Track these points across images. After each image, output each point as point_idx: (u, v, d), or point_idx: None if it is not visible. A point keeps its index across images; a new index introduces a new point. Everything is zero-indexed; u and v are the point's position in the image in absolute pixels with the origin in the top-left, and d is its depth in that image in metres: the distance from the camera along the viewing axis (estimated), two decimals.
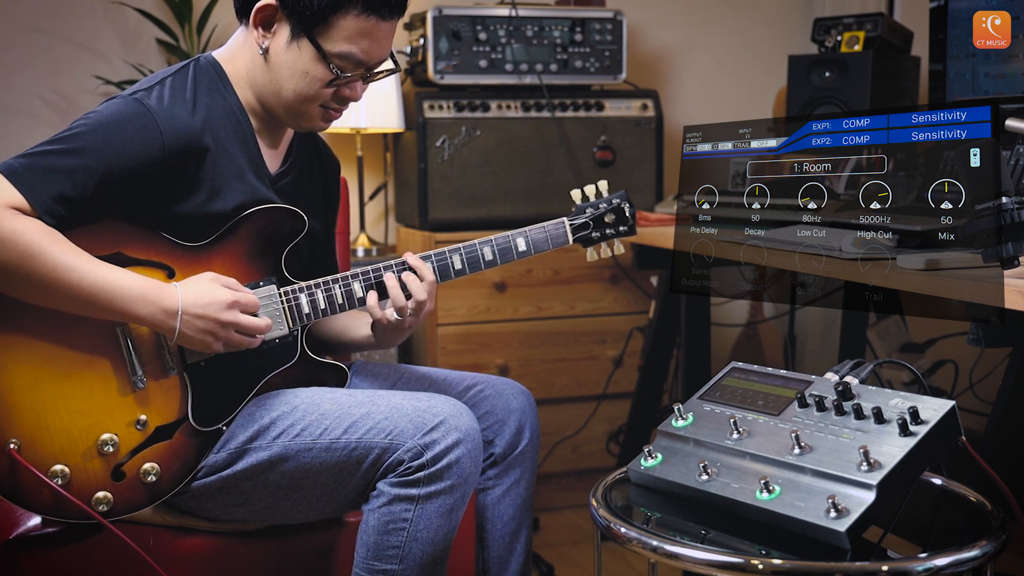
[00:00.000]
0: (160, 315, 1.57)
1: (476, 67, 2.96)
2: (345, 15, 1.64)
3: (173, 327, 1.58)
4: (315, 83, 1.67)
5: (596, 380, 3.09)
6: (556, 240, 1.89)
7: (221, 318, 1.60)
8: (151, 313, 1.57)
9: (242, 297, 1.62)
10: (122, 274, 1.56)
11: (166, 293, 1.58)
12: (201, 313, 1.58)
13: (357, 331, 1.92)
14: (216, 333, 1.60)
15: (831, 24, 2.82)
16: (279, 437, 1.65)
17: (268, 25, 1.67)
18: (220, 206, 1.66)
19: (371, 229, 3.30)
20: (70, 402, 1.59)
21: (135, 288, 1.56)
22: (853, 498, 1.27)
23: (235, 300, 1.61)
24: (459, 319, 2.95)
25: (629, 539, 1.34)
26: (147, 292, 1.57)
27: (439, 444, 1.61)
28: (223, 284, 1.62)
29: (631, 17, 3.27)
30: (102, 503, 1.60)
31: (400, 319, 1.76)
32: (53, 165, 1.53)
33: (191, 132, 1.63)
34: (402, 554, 1.62)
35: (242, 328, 1.62)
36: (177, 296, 1.58)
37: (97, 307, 1.55)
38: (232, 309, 1.61)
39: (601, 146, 3.07)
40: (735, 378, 1.57)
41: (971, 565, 1.25)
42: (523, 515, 1.90)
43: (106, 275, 1.54)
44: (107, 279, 1.54)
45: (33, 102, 3.03)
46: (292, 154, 1.82)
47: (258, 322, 1.64)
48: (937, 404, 1.36)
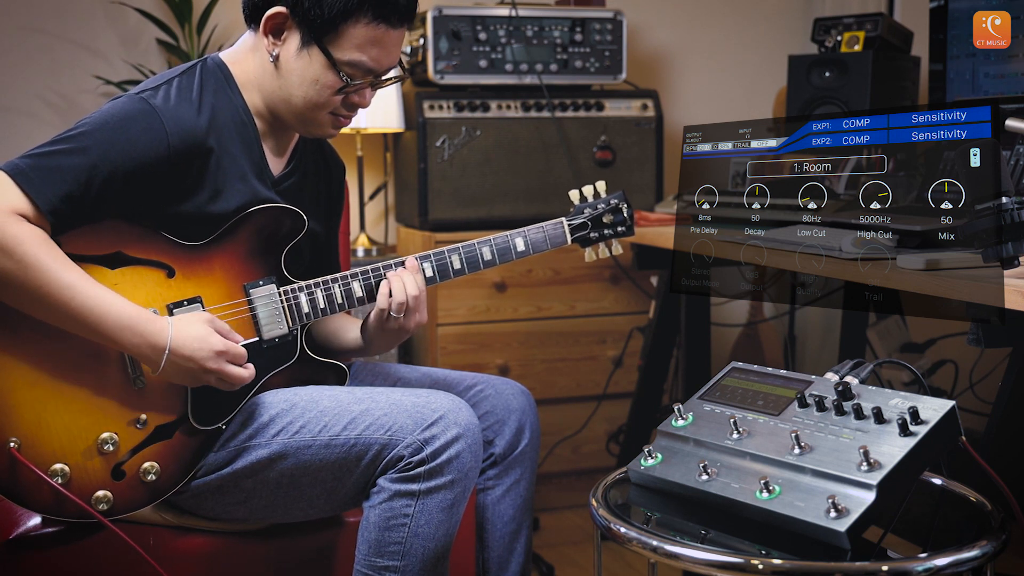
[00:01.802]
0: (146, 349, 1.56)
1: (476, 67, 2.96)
2: (356, 23, 1.64)
3: (157, 363, 1.56)
4: (325, 91, 1.68)
5: (596, 380, 3.09)
6: (555, 240, 1.89)
7: (207, 365, 1.58)
8: (136, 345, 1.55)
9: (232, 348, 1.60)
10: (115, 299, 1.54)
11: (156, 328, 1.56)
12: (189, 355, 1.56)
13: (346, 334, 1.91)
14: (198, 377, 1.59)
15: (831, 24, 2.82)
16: (278, 435, 1.65)
17: (278, 33, 1.67)
18: (221, 207, 1.66)
19: (371, 229, 3.31)
20: (70, 401, 1.59)
21: (124, 317, 1.54)
22: (853, 498, 1.27)
23: (224, 350, 1.59)
24: (459, 319, 2.95)
25: (629, 539, 1.34)
26: (136, 323, 1.55)
27: (439, 439, 1.61)
28: (217, 329, 1.60)
29: (631, 17, 3.27)
30: (102, 502, 1.60)
31: (385, 319, 1.75)
32: (59, 165, 1.53)
33: (196, 132, 1.63)
34: (404, 550, 1.62)
35: (225, 378, 1.61)
36: (167, 334, 1.56)
37: (84, 328, 1.54)
38: (219, 358, 1.59)
39: (601, 146, 3.07)
40: (735, 378, 1.57)
41: (971, 565, 1.25)
42: (523, 515, 1.90)
43: (99, 298, 1.53)
44: (98, 302, 1.53)
45: (33, 102, 3.03)
46: (296, 156, 1.82)
47: (243, 373, 1.62)
48: (937, 404, 1.36)
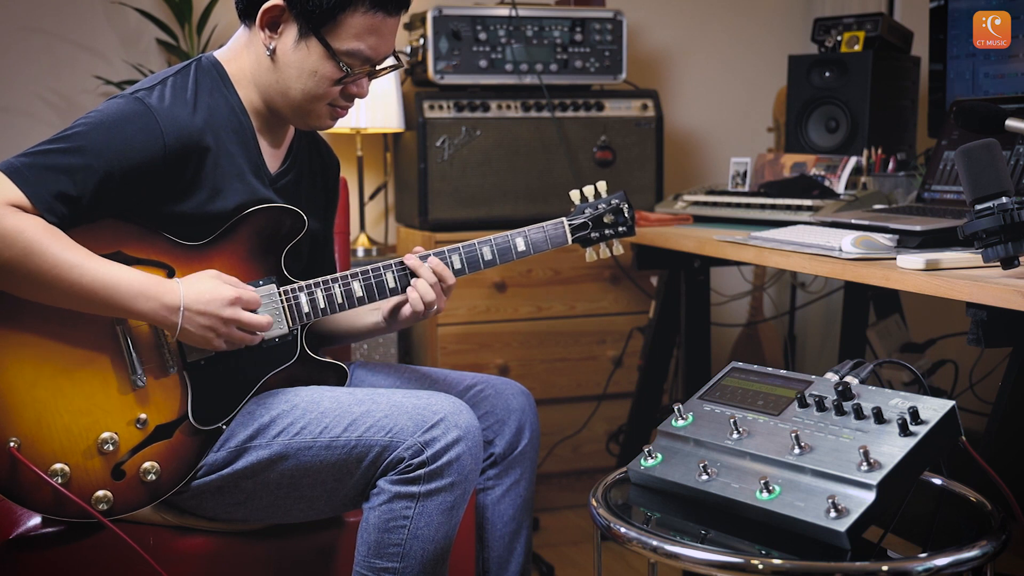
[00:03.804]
0: (162, 311, 1.57)
1: (476, 67, 2.96)
2: (353, 13, 1.64)
3: (175, 323, 1.58)
4: (324, 82, 1.68)
5: (596, 380, 3.09)
6: (555, 240, 1.89)
7: (223, 314, 1.60)
8: (153, 309, 1.57)
9: (244, 293, 1.63)
10: (123, 270, 1.56)
11: (167, 288, 1.58)
12: (203, 309, 1.59)
13: (362, 319, 1.94)
14: (218, 330, 1.60)
15: (831, 24, 2.82)
16: (279, 436, 1.65)
17: (275, 26, 1.67)
18: (220, 206, 1.66)
19: (371, 229, 3.30)
20: (70, 401, 1.59)
21: (136, 284, 1.56)
22: (853, 498, 1.28)
23: (237, 296, 1.61)
24: (459, 319, 2.95)
25: (629, 539, 1.34)
26: (148, 288, 1.57)
27: (439, 441, 1.61)
28: (225, 281, 1.63)
29: (631, 17, 3.27)
30: (102, 502, 1.60)
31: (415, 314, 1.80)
32: (55, 164, 1.53)
33: (192, 132, 1.63)
34: (403, 552, 1.62)
35: (244, 325, 1.62)
36: (179, 292, 1.58)
37: (98, 304, 1.55)
38: (234, 306, 1.61)
39: (601, 146, 3.07)
40: (735, 378, 1.57)
41: (971, 565, 1.25)
42: (523, 515, 1.90)
43: (107, 271, 1.54)
44: (108, 275, 1.54)
45: (33, 102, 3.03)
46: (292, 153, 1.82)
47: (260, 319, 1.64)
48: (937, 404, 1.36)
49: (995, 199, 1.51)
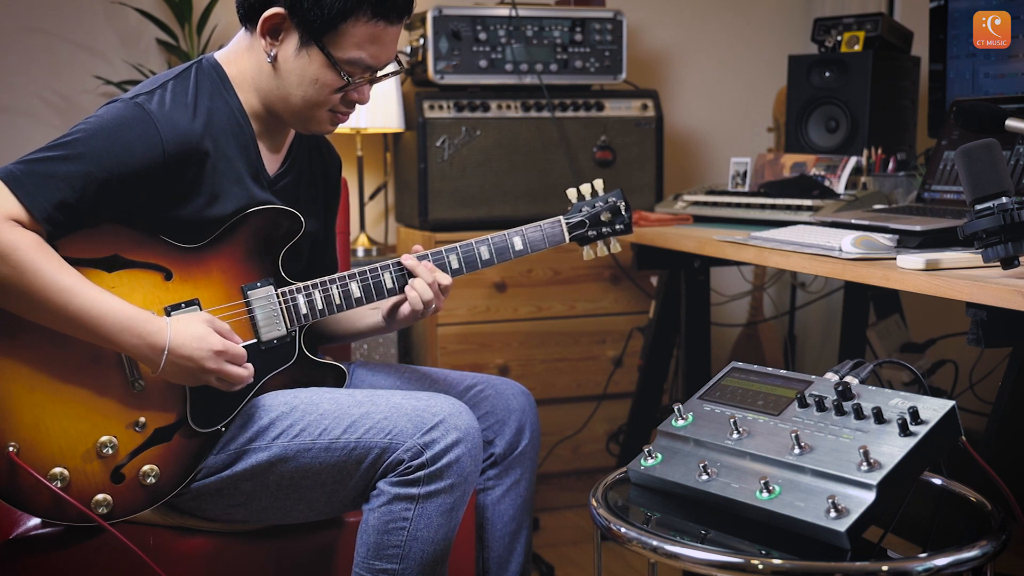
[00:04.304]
0: (145, 349, 1.56)
1: (476, 67, 2.96)
2: (355, 22, 1.64)
3: (157, 363, 1.57)
4: (324, 89, 1.68)
5: (596, 380, 3.09)
6: (552, 239, 1.89)
7: (206, 365, 1.58)
8: (135, 346, 1.55)
9: (231, 348, 1.60)
10: (112, 301, 1.54)
11: (155, 328, 1.56)
12: (187, 355, 1.57)
13: (362, 320, 1.93)
14: (197, 376, 1.60)
15: (831, 24, 2.82)
16: (278, 438, 1.65)
17: (276, 33, 1.67)
18: (219, 211, 1.66)
19: (371, 229, 3.30)
20: (69, 405, 1.58)
21: (123, 318, 1.54)
22: (853, 498, 1.27)
23: (223, 350, 1.59)
24: (459, 319, 2.95)
25: (629, 539, 1.34)
26: (136, 324, 1.55)
27: (439, 443, 1.61)
28: (216, 329, 1.60)
29: (631, 17, 3.27)
30: (102, 505, 1.60)
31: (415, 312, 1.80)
32: (53, 171, 1.53)
33: (191, 137, 1.63)
34: (402, 553, 1.62)
35: (224, 377, 1.61)
36: (166, 334, 1.56)
37: (83, 331, 1.54)
38: (218, 358, 1.59)
39: (601, 146, 3.07)
40: (735, 378, 1.57)
41: (971, 565, 1.25)
42: (523, 515, 1.90)
43: (96, 300, 1.53)
44: (96, 305, 1.53)
45: (33, 102, 3.03)
46: (292, 155, 1.82)
47: (242, 373, 1.62)
48: (937, 404, 1.36)
49: (995, 199, 1.51)
